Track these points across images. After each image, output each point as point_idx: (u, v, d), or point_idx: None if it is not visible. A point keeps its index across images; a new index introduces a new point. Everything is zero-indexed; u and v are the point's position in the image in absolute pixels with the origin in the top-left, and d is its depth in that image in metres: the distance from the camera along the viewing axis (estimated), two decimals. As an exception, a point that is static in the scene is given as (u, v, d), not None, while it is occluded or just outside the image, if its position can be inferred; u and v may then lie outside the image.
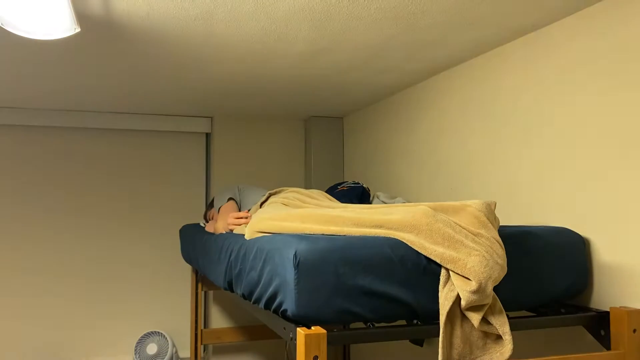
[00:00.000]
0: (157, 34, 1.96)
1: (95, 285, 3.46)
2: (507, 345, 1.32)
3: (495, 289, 1.35)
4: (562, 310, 1.67)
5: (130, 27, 1.90)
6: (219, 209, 2.47)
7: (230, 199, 2.52)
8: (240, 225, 2.20)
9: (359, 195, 2.58)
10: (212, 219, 2.67)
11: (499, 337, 1.35)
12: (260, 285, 1.46)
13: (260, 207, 2.19)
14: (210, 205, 2.79)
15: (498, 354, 1.33)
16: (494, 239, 1.38)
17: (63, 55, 2.22)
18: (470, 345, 1.34)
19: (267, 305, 1.44)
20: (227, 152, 3.65)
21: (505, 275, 1.37)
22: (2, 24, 1.67)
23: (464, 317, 1.34)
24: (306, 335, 1.18)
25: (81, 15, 1.77)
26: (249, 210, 2.37)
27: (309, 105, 3.27)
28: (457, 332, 1.33)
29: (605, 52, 1.65)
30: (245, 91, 2.90)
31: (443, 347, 1.31)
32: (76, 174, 3.47)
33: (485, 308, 1.33)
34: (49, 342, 3.35)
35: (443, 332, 1.31)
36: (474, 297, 1.28)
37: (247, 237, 1.73)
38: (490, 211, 1.43)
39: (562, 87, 1.81)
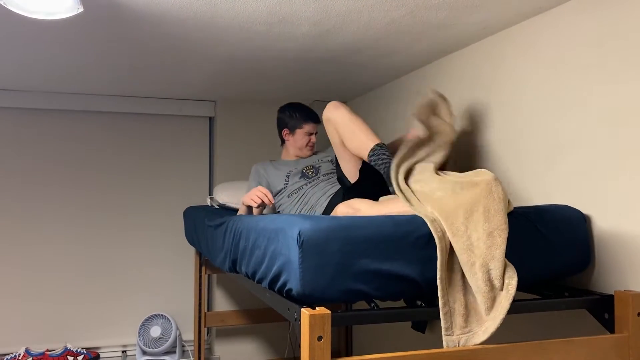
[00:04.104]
0: (161, 14, 1.94)
1: (99, 267, 3.48)
2: (506, 301, 1.33)
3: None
4: (566, 294, 1.66)
5: (133, 7, 1.88)
6: None
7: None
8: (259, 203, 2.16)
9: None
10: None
11: (496, 306, 1.35)
12: (264, 265, 1.47)
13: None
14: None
15: (497, 312, 1.33)
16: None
17: (65, 36, 2.20)
18: (469, 315, 1.36)
19: (271, 285, 1.45)
20: (231, 136, 3.64)
21: (506, 252, 1.38)
22: (4, 2, 1.66)
23: (465, 288, 1.37)
24: (310, 316, 1.19)
25: (84, -6, 1.75)
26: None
27: (313, 89, 3.25)
28: (459, 300, 1.36)
29: (615, 34, 1.62)
30: (248, 74, 2.88)
31: (446, 317, 1.33)
32: (79, 156, 3.47)
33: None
34: (53, 324, 3.38)
35: (442, 299, 1.33)
36: None
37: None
38: (497, 183, 1.44)
39: (569, 69, 1.79)
